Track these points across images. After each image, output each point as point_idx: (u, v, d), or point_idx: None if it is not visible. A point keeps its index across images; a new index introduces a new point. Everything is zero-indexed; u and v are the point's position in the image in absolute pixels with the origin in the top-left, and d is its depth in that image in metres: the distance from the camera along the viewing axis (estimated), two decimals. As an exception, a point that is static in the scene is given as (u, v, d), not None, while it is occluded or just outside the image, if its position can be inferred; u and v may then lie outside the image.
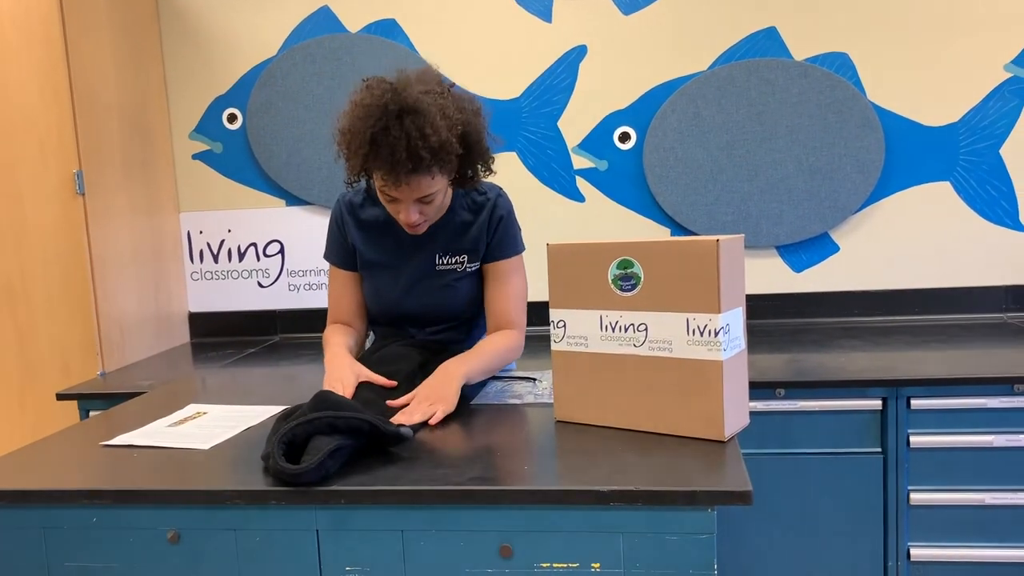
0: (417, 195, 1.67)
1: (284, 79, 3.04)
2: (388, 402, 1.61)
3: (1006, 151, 2.77)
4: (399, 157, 1.57)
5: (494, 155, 1.79)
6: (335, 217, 1.92)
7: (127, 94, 2.88)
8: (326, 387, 1.61)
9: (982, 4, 2.73)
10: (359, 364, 1.71)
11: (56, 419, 2.60)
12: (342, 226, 1.91)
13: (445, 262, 1.85)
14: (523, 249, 1.92)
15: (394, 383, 1.67)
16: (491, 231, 1.86)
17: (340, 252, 1.92)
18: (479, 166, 1.77)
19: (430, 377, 1.69)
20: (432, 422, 1.57)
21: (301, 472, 1.25)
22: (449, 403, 1.62)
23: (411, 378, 1.71)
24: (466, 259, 1.85)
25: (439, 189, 1.70)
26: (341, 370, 1.67)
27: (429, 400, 1.61)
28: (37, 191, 2.59)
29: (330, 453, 1.28)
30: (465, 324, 1.95)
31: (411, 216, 1.70)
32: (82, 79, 2.62)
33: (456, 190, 1.86)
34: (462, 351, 1.81)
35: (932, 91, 2.79)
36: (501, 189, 1.92)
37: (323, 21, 3.02)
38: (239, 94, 3.10)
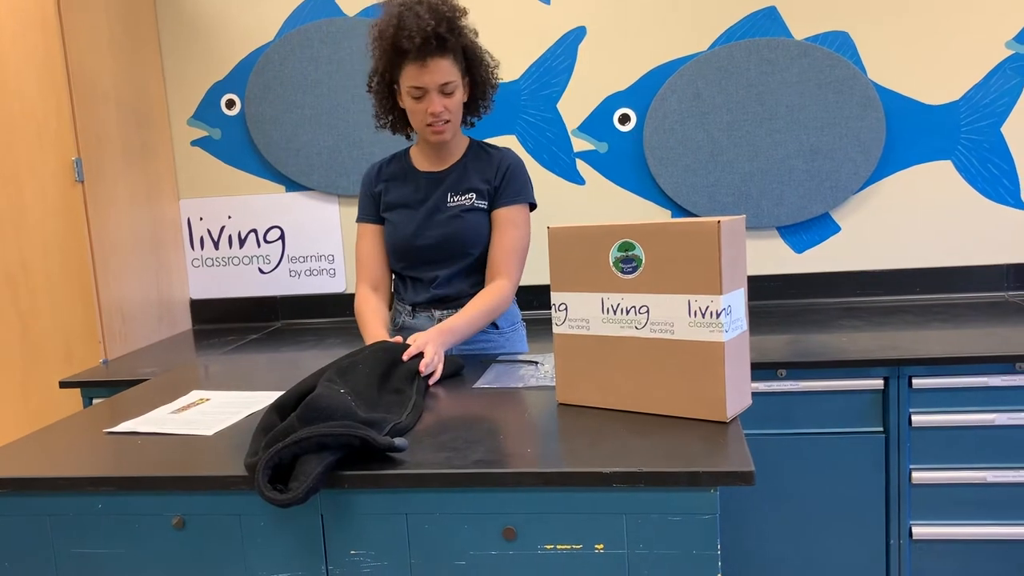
0: (441, 78, 1.89)
1: (282, 64, 3.02)
2: (405, 355, 1.74)
3: (1007, 129, 2.76)
4: (423, 17, 1.84)
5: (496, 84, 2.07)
6: (364, 180, 2.15)
7: (125, 81, 2.87)
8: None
9: (983, -19, 2.72)
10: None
11: (59, 407, 2.61)
12: (370, 183, 2.13)
13: (456, 200, 2.04)
14: (529, 200, 2.08)
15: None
16: (499, 176, 2.05)
17: (368, 206, 2.13)
18: (488, 76, 2.02)
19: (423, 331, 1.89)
20: (426, 362, 1.74)
21: (287, 503, 1.21)
22: (434, 347, 1.80)
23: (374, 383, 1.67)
24: (474, 196, 2.03)
25: (457, 81, 1.93)
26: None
27: (420, 343, 1.80)
28: (36, 179, 2.59)
29: (317, 477, 1.23)
30: (474, 271, 2.06)
31: (436, 105, 1.91)
32: (79, 67, 2.61)
33: (472, 142, 2.10)
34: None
35: (933, 69, 2.78)
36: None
37: (320, 5, 3.01)
38: (237, 80, 3.08)
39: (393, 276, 2.18)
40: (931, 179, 2.82)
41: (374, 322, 2.02)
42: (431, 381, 1.76)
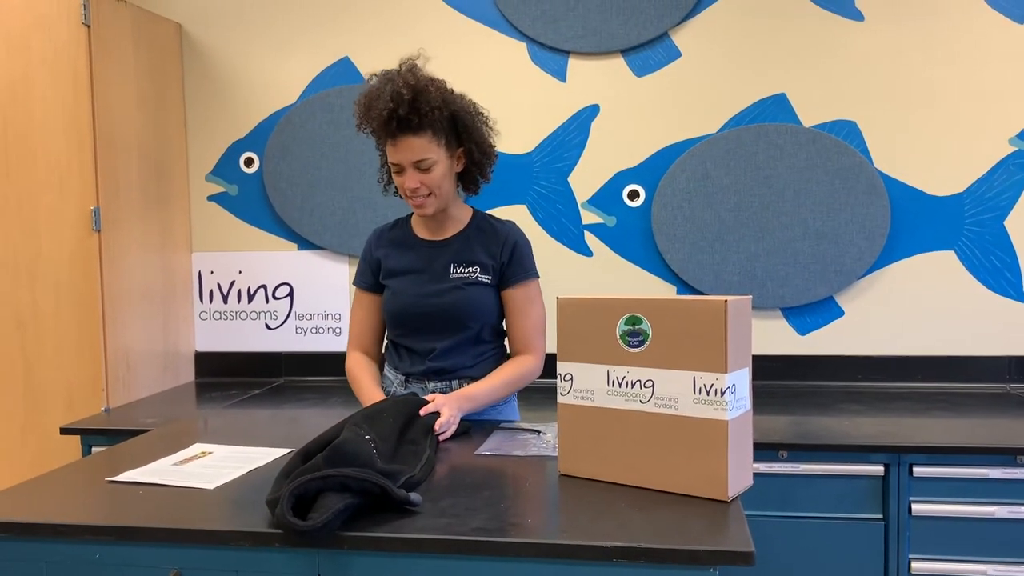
0: (412, 156, 1.89)
1: (302, 126, 3.10)
2: (422, 411, 1.81)
3: (1010, 223, 2.80)
4: (384, 99, 1.84)
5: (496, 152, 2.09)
6: (366, 244, 2.15)
7: (147, 134, 2.94)
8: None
9: (989, 78, 2.79)
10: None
11: (58, 453, 2.60)
12: (370, 248, 2.13)
13: (459, 272, 2.02)
14: (537, 275, 2.08)
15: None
16: (505, 253, 2.03)
17: (366, 274, 2.12)
18: (476, 150, 2.00)
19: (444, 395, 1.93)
20: (441, 422, 1.80)
21: (307, 529, 1.24)
22: (451, 410, 1.85)
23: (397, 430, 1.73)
24: (478, 270, 2.02)
25: (434, 158, 1.91)
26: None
27: (439, 403, 1.86)
28: (54, 226, 2.63)
29: (337, 512, 1.27)
30: (473, 344, 2.04)
31: (411, 180, 1.91)
32: (105, 118, 2.68)
33: (476, 214, 2.09)
34: (470, 380, 2.02)
35: (938, 161, 2.84)
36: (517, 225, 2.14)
37: (343, 71, 3.10)
38: (257, 139, 3.15)
39: (385, 343, 2.16)
40: (934, 268, 2.85)
41: (369, 384, 2.04)
42: (441, 439, 1.81)
